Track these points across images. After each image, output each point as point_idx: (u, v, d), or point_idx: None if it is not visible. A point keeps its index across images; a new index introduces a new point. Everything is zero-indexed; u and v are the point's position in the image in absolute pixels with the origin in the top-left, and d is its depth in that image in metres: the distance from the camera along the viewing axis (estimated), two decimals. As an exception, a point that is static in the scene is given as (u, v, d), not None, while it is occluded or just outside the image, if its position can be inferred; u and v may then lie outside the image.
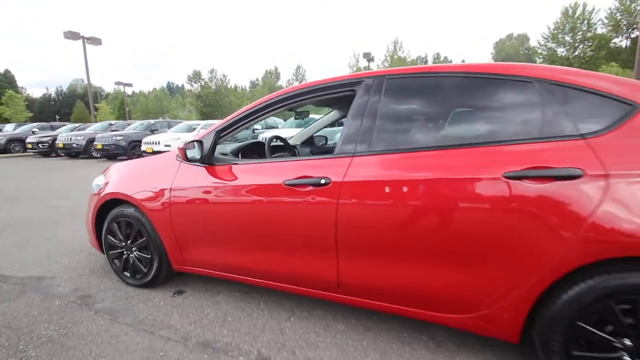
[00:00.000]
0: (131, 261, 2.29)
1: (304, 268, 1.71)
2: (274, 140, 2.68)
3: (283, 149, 2.87)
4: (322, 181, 1.57)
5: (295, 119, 2.94)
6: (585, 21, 29.75)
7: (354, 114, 1.65)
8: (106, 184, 2.36)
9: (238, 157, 2.43)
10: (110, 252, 2.37)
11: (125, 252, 2.31)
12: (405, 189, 1.42)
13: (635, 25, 28.41)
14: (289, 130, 9.60)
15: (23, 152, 15.76)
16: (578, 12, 29.74)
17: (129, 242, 2.27)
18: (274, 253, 1.79)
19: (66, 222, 3.97)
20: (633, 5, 28.18)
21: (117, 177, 2.35)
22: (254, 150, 2.61)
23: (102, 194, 2.31)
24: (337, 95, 1.80)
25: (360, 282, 1.59)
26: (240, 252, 1.89)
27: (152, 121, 13.92)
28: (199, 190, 1.94)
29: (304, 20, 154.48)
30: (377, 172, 1.51)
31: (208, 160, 1.95)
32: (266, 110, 1.95)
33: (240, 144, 2.64)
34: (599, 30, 29.22)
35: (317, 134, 3.33)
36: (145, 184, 2.15)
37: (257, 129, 11.75)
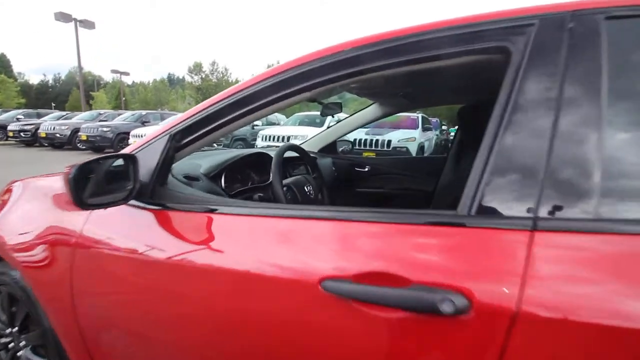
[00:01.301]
0: (22, 361, 1.27)
1: None
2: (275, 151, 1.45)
3: (296, 163, 1.81)
4: (447, 307, 0.54)
5: (322, 115, 1.82)
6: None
7: (515, 114, 0.62)
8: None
9: (219, 184, 1.32)
10: (-9, 339, 1.35)
11: (12, 343, 1.29)
12: None
13: None
14: (294, 129, 8.24)
15: (5, 140, 14.60)
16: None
17: (15, 329, 1.25)
18: None
19: None
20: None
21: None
22: (251, 167, 1.56)
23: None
24: (450, 63, 0.76)
25: None
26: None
27: (144, 112, 12.89)
28: (135, 261, 0.90)
29: (305, 13, 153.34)
30: None
31: (152, 194, 0.92)
32: (274, 96, 0.87)
33: (224, 153, 1.52)
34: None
35: (342, 138, 2.33)
36: (29, 223, 1.11)
37: (256, 125, 10.36)
